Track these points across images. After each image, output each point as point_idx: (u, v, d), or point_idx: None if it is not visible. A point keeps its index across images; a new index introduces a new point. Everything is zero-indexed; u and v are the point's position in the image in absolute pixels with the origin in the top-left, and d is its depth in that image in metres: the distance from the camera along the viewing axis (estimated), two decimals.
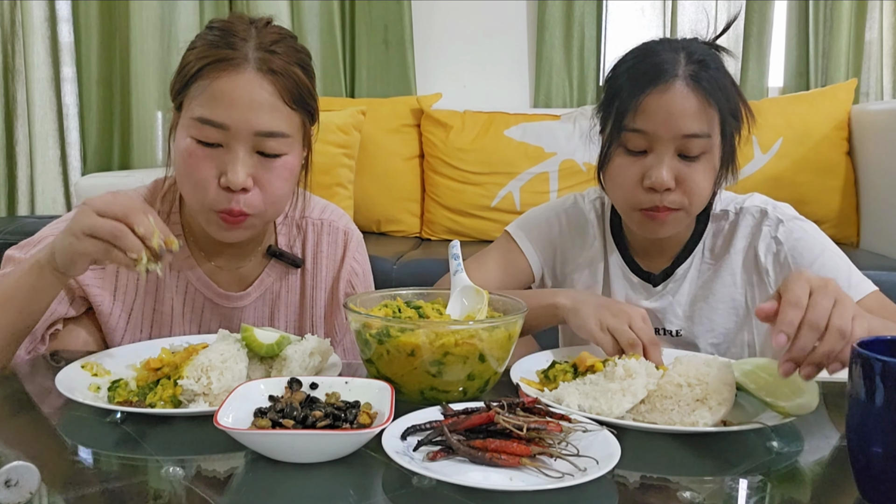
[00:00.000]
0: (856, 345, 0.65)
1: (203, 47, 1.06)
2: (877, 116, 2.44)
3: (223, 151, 1.04)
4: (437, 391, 0.88)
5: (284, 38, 1.09)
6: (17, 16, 2.89)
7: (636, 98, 1.10)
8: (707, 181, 1.13)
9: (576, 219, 1.33)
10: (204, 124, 1.03)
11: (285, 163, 1.08)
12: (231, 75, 1.03)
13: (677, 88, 1.09)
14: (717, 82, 1.11)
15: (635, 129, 1.11)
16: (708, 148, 1.11)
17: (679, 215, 1.14)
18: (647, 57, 1.13)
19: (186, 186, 1.08)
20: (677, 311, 1.24)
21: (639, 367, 0.87)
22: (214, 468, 0.73)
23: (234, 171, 1.03)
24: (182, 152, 1.06)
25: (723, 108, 1.11)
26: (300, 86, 1.08)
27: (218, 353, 0.88)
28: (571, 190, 2.61)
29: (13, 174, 2.98)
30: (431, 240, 2.74)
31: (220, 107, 1.03)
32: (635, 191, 1.13)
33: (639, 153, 1.12)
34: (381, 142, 2.73)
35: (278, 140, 1.05)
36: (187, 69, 1.06)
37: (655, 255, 1.26)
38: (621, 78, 1.15)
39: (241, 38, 1.05)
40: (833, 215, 2.49)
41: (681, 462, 0.76)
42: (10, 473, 0.60)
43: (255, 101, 1.03)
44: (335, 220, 1.29)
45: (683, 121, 1.09)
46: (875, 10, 2.79)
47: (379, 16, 2.98)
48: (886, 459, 0.63)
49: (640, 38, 1.19)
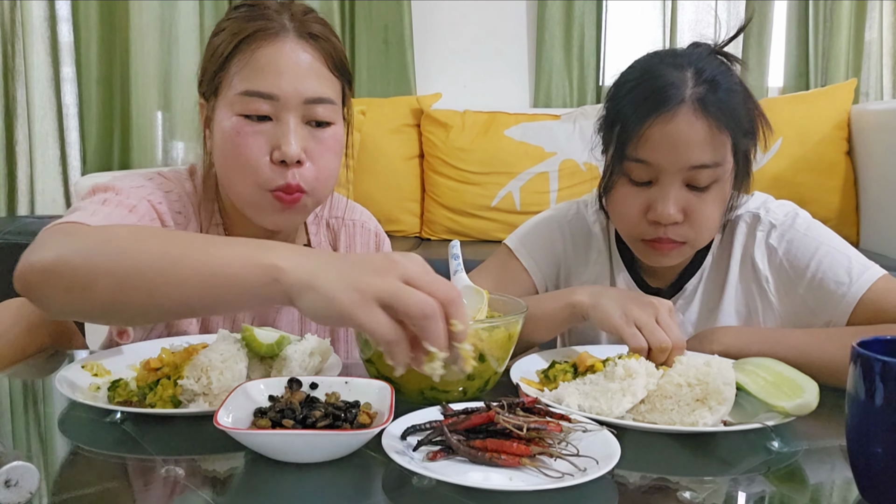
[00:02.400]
0: (856, 345, 0.65)
1: (234, 25, 1.04)
2: (877, 116, 2.44)
3: (273, 125, 1.01)
4: (437, 391, 0.88)
5: (313, 12, 1.08)
6: (17, 16, 2.89)
7: (639, 127, 1.02)
8: (717, 212, 1.07)
9: (580, 231, 1.26)
10: (251, 97, 1.00)
11: (334, 133, 1.05)
12: (273, 43, 1.01)
13: (683, 116, 1.01)
14: (727, 105, 1.02)
15: (638, 159, 1.04)
16: (718, 177, 1.04)
17: (684, 248, 1.08)
18: (651, 79, 1.04)
19: (235, 169, 1.02)
20: (688, 328, 1.18)
21: (639, 367, 0.87)
22: (214, 468, 0.73)
23: (287, 143, 0.99)
24: (228, 133, 1.01)
25: (735, 132, 1.04)
26: (339, 51, 1.06)
27: (218, 353, 0.88)
28: (572, 190, 2.63)
29: (13, 174, 2.97)
30: (431, 240, 2.74)
31: (266, 77, 1.00)
32: (639, 222, 1.07)
33: (643, 184, 1.06)
34: (381, 142, 2.73)
35: (326, 107, 1.03)
36: (221, 49, 1.03)
37: (663, 272, 1.20)
38: (623, 101, 1.07)
39: (275, 10, 1.04)
40: (833, 215, 2.49)
41: (681, 462, 0.76)
42: (10, 473, 0.60)
43: (301, 66, 1.01)
44: (366, 220, 1.27)
45: (690, 151, 1.01)
46: (875, 10, 2.79)
47: (379, 16, 2.99)
48: (886, 459, 0.63)
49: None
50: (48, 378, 0.91)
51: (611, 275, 1.23)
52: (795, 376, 0.86)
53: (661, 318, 0.96)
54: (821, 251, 1.10)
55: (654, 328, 0.95)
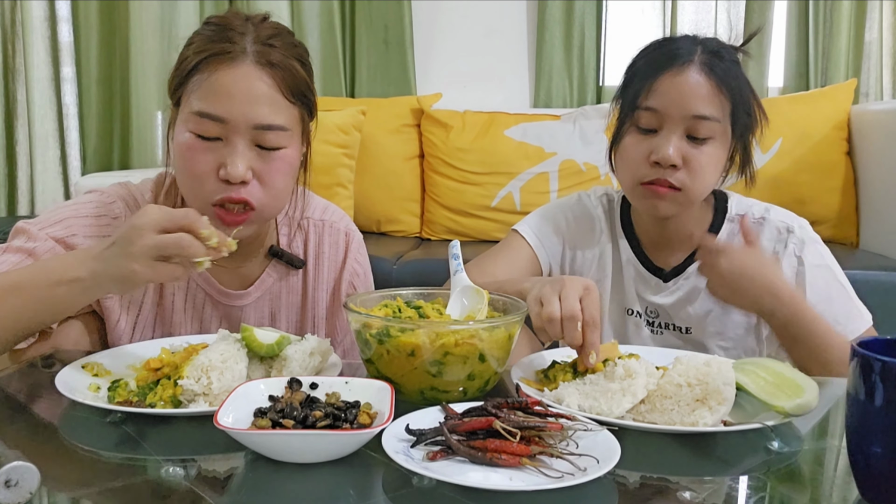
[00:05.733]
0: (855, 345, 0.65)
1: (200, 42, 1.06)
2: (876, 116, 2.44)
3: (222, 145, 1.04)
4: (437, 391, 0.88)
5: (281, 33, 1.09)
6: (17, 16, 2.89)
7: (650, 79, 1.16)
8: (712, 167, 1.16)
9: (582, 214, 1.35)
10: (203, 118, 1.03)
11: (284, 156, 1.07)
12: (229, 68, 1.03)
13: (691, 71, 1.14)
14: (730, 72, 1.15)
15: (647, 107, 1.16)
16: (716, 133, 1.15)
17: (679, 196, 1.16)
18: (665, 45, 1.19)
19: (185, 181, 1.08)
20: (687, 309, 1.24)
21: (639, 367, 0.87)
22: (214, 468, 0.73)
23: (233, 164, 1.02)
24: (181, 147, 1.06)
25: (735, 98, 1.15)
26: (298, 79, 1.07)
27: (218, 353, 0.88)
28: (572, 190, 2.61)
29: (13, 174, 2.97)
30: (431, 240, 2.74)
31: (218, 100, 1.03)
32: (641, 165, 1.17)
33: (649, 131, 1.17)
34: (381, 142, 2.73)
35: (277, 133, 1.05)
36: (185, 64, 1.06)
37: (665, 249, 1.27)
38: (638, 64, 1.21)
39: (239, 33, 1.05)
40: (832, 215, 2.49)
41: (681, 462, 0.76)
42: (10, 473, 0.60)
43: (253, 93, 1.03)
44: (336, 220, 1.29)
45: (694, 101, 1.13)
46: (875, 11, 2.79)
47: (379, 16, 2.98)
48: (886, 459, 0.63)
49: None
50: (48, 378, 0.91)
51: (612, 251, 1.31)
52: (795, 376, 0.86)
53: (564, 293, 0.92)
54: (833, 288, 1.20)
55: (550, 300, 0.92)
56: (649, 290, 1.27)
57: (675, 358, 0.91)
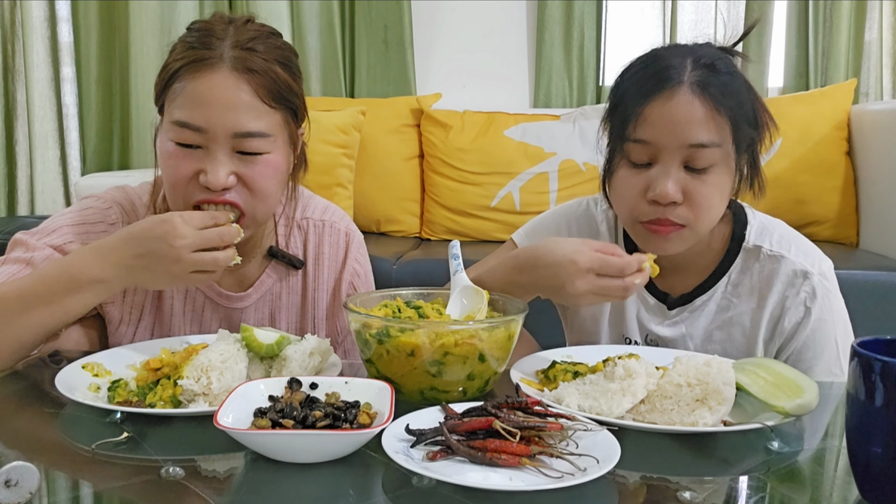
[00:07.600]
0: (855, 345, 0.65)
1: (181, 49, 1.06)
2: (876, 116, 2.44)
3: (203, 153, 1.04)
4: (437, 391, 0.88)
5: (263, 36, 1.08)
6: (17, 16, 2.89)
7: (638, 107, 1.04)
8: (717, 196, 1.06)
9: (587, 227, 1.26)
10: (182, 127, 1.03)
11: (268, 160, 1.07)
12: (206, 76, 1.02)
13: (681, 95, 1.02)
14: (726, 88, 1.03)
15: (638, 139, 1.05)
16: (717, 159, 1.04)
17: (684, 233, 1.07)
18: (652, 63, 1.07)
19: (167, 187, 1.08)
20: (688, 343, 1.17)
21: (638, 368, 0.87)
22: (214, 468, 0.73)
23: (213, 173, 1.03)
24: (164, 153, 1.06)
25: (735, 116, 1.04)
26: (279, 83, 1.06)
27: (218, 353, 0.88)
28: (571, 190, 2.63)
29: (13, 174, 2.97)
30: (431, 240, 2.74)
31: (196, 109, 1.02)
32: (639, 203, 1.06)
33: (643, 165, 1.06)
34: (381, 142, 2.73)
35: (258, 140, 1.05)
36: (166, 72, 1.06)
37: (672, 274, 1.16)
38: (625, 85, 1.09)
39: (218, 38, 1.04)
40: (832, 215, 2.49)
41: (681, 462, 0.76)
42: (10, 473, 0.60)
43: (231, 101, 1.02)
44: (336, 220, 1.28)
45: (689, 129, 1.02)
46: (875, 11, 2.79)
47: (379, 16, 2.98)
48: (886, 459, 0.63)
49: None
50: (48, 378, 0.91)
51: None
52: (795, 376, 0.86)
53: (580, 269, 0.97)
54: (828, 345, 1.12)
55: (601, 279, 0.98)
56: (651, 318, 1.19)
57: (674, 358, 0.91)
